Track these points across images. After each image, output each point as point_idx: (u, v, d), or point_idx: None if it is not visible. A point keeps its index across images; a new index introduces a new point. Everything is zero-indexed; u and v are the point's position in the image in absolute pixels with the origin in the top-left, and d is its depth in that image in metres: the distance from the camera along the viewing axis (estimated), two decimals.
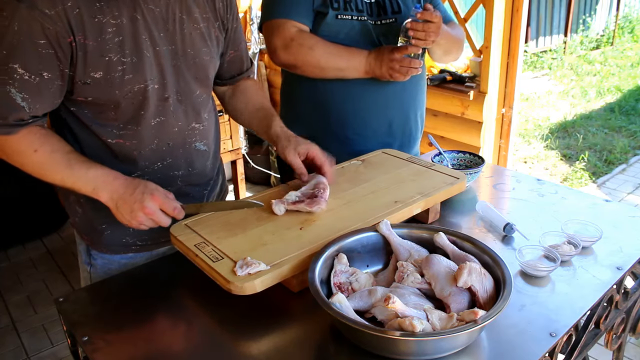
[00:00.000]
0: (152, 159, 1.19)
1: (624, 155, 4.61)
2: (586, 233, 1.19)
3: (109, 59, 1.03)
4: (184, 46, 1.14)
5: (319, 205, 1.17)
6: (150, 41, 1.08)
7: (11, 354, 2.50)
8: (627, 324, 1.28)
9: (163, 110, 1.15)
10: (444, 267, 0.97)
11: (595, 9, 8.89)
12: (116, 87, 1.05)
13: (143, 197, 1.02)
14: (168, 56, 1.12)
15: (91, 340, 0.95)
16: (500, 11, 2.56)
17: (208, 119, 1.27)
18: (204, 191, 1.34)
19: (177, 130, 1.19)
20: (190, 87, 1.19)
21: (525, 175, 1.60)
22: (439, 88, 2.85)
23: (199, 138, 1.25)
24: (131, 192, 1.03)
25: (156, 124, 1.15)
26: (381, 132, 1.61)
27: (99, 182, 1.04)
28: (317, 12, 1.49)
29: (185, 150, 1.23)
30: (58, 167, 1.05)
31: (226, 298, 0.98)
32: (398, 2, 1.56)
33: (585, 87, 6.64)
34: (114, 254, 1.26)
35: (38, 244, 3.43)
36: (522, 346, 0.89)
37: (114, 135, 1.13)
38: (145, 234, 1.25)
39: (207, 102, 1.27)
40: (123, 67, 1.05)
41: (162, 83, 1.12)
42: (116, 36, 1.03)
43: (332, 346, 0.92)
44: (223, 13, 1.24)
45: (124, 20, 1.04)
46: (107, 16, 1.02)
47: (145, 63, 1.08)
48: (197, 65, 1.18)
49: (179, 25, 1.13)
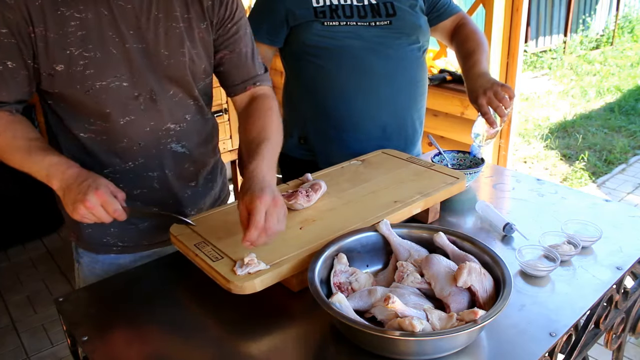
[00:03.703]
0: (124, 157, 1.17)
1: (624, 155, 4.61)
2: (586, 233, 1.19)
3: (70, 53, 1.02)
4: (157, 45, 1.11)
5: (297, 201, 1.18)
6: (119, 38, 1.06)
7: (11, 354, 2.50)
8: (627, 323, 1.28)
9: (133, 109, 1.13)
10: (443, 267, 0.97)
11: (595, 9, 8.90)
12: (77, 81, 1.05)
13: (88, 190, 0.99)
14: (139, 54, 1.09)
15: (91, 340, 0.95)
16: (500, 11, 2.56)
17: (189, 120, 1.22)
18: (186, 192, 1.29)
19: (148, 130, 1.16)
20: (164, 87, 1.15)
21: (525, 175, 1.60)
22: (439, 88, 2.85)
23: (175, 139, 1.21)
24: (78, 184, 1.01)
25: (126, 122, 1.13)
26: (376, 136, 1.60)
27: (52, 169, 1.04)
28: (302, 23, 1.50)
29: (159, 152, 1.20)
30: (18, 153, 1.05)
31: (226, 298, 0.98)
32: (393, 5, 1.56)
33: (585, 87, 6.64)
34: (97, 253, 1.26)
35: (38, 244, 3.43)
36: (522, 346, 0.89)
37: (85, 129, 1.13)
38: (126, 235, 1.25)
39: (187, 102, 1.21)
40: (85, 61, 1.04)
41: (132, 81, 1.10)
42: (79, 30, 1.02)
43: (332, 346, 0.92)
44: (212, 12, 1.18)
45: (89, 15, 1.03)
46: (71, 9, 1.01)
47: (109, 59, 1.06)
48: (171, 66, 1.14)
49: (154, 23, 1.10)
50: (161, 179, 1.23)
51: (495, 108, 1.40)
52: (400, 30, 1.55)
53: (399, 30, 1.54)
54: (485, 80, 1.45)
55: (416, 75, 1.61)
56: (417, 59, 1.60)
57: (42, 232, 3.50)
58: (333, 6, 1.51)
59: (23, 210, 3.35)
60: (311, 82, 1.58)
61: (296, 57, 1.59)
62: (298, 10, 1.50)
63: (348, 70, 1.53)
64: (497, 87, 1.41)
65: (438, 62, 3.16)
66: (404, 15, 1.56)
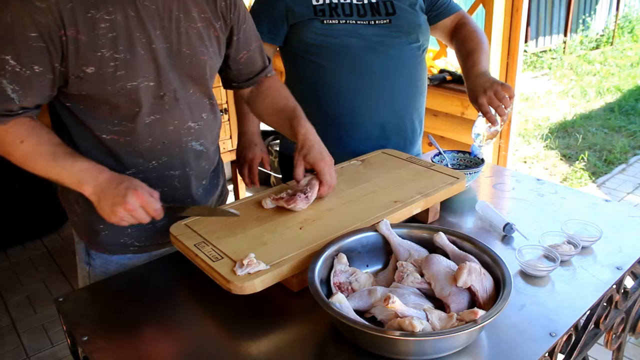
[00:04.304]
0: (147, 157, 1.18)
1: (624, 155, 4.61)
2: (586, 233, 1.19)
3: (101, 55, 1.03)
4: (179, 44, 1.13)
5: (296, 204, 1.17)
6: (146, 38, 1.07)
7: (11, 354, 2.50)
8: (627, 323, 1.28)
9: (159, 108, 1.14)
10: (443, 267, 0.97)
11: (595, 9, 8.90)
12: (108, 83, 1.05)
13: (126, 192, 1.01)
14: (164, 54, 1.11)
15: (91, 340, 0.95)
16: (500, 11, 2.57)
17: (205, 119, 1.26)
18: (199, 190, 1.31)
19: (172, 129, 1.18)
20: (185, 86, 1.18)
21: (525, 175, 1.60)
22: (439, 88, 2.85)
23: (195, 137, 1.23)
24: (114, 187, 1.02)
25: (151, 121, 1.14)
26: (374, 135, 1.60)
27: (84, 175, 1.04)
28: (301, 21, 1.51)
29: (181, 150, 1.22)
30: (43, 159, 1.04)
31: (226, 298, 0.98)
32: (392, 4, 1.56)
33: (585, 87, 6.64)
34: (112, 254, 1.26)
35: (38, 244, 3.43)
36: (522, 346, 0.89)
37: (108, 131, 1.13)
38: (143, 235, 1.25)
39: (203, 101, 1.25)
40: (116, 63, 1.04)
41: (158, 81, 1.12)
42: (109, 32, 1.03)
43: (332, 346, 0.92)
44: (225, 12, 1.22)
45: (118, 17, 1.03)
46: (101, 11, 1.01)
47: (138, 60, 1.07)
48: (192, 64, 1.17)
49: (175, 23, 1.12)
50: (182, 177, 1.24)
51: (496, 108, 1.40)
52: (400, 29, 1.55)
53: (399, 29, 1.54)
54: (485, 79, 1.45)
55: (415, 75, 1.61)
56: (417, 58, 1.60)
57: (42, 232, 3.49)
58: (332, 4, 1.51)
59: (23, 210, 3.35)
60: (310, 81, 1.58)
61: (296, 56, 1.59)
62: (297, 8, 1.50)
63: (347, 69, 1.53)
64: (497, 87, 1.40)
65: (438, 62, 3.16)
66: (404, 14, 1.56)
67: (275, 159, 3.62)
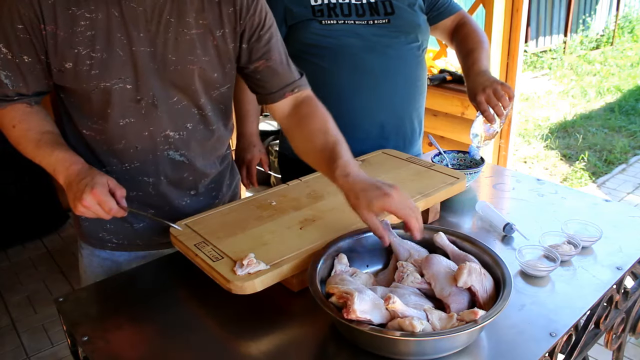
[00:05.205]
0: (121, 158, 1.17)
1: (624, 155, 4.61)
2: (586, 233, 1.19)
3: (77, 52, 1.03)
4: (165, 50, 1.09)
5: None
6: (126, 40, 1.05)
7: (11, 354, 2.50)
8: (627, 323, 1.28)
9: (134, 112, 1.12)
10: (443, 267, 0.97)
11: (595, 9, 8.90)
12: (83, 80, 1.06)
13: (84, 189, 1.01)
14: (147, 58, 1.08)
15: (91, 340, 0.95)
16: (500, 11, 2.57)
17: (190, 129, 1.20)
18: (184, 200, 1.27)
19: (147, 135, 1.15)
20: (167, 93, 1.13)
21: (525, 175, 1.60)
22: (439, 88, 2.85)
23: (173, 147, 1.19)
24: (77, 182, 1.03)
25: (125, 124, 1.13)
26: (374, 135, 1.60)
27: (59, 165, 1.06)
28: (300, 22, 1.51)
29: (156, 157, 1.18)
30: (30, 144, 1.09)
31: (226, 298, 0.98)
32: (391, 4, 1.55)
33: (585, 87, 6.64)
34: (94, 247, 1.28)
35: (38, 244, 3.43)
36: (522, 346, 0.89)
37: (87, 127, 1.15)
38: (122, 233, 1.26)
39: (190, 110, 1.19)
40: (91, 62, 1.04)
41: (136, 84, 1.09)
42: (88, 30, 1.03)
43: (332, 346, 0.92)
44: (235, 19, 1.13)
45: (100, 15, 1.03)
46: (82, 9, 1.01)
47: (115, 61, 1.06)
48: (177, 72, 1.12)
49: (164, 27, 1.08)
50: (156, 185, 1.21)
51: (494, 106, 1.39)
52: (399, 28, 1.55)
53: (398, 29, 1.54)
54: (485, 78, 1.45)
55: (415, 74, 1.61)
56: (416, 57, 1.60)
57: (42, 232, 3.49)
58: (331, 4, 1.51)
59: (23, 210, 3.35)
60: (310, 81, 1.58)
61: (294, 57, 1.58)
62: (296, 8, 1.50)
63: (346, 69, 1.53)
64: (496, 85, 1.40)
65: (438, 62, 3.16)
66: (403, 14, 1.56)
67: (275, 159, 3.62)
